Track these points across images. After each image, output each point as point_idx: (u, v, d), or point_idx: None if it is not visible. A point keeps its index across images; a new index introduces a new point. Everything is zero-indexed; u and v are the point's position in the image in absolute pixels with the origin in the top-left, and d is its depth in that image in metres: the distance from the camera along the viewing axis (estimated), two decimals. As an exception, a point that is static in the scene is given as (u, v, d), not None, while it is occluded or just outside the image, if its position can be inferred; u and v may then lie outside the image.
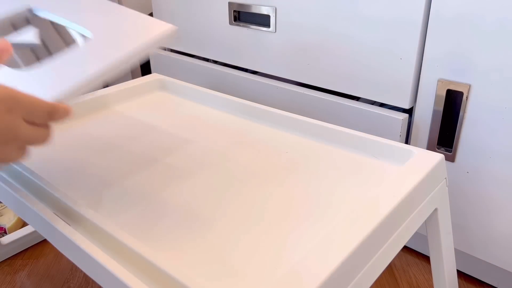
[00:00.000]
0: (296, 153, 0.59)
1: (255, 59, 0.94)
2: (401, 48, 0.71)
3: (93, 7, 0.55)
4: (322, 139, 0.62)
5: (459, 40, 0.65)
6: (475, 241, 0.75)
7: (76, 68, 0.45)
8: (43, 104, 0.37)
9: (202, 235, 0.44)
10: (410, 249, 0.92)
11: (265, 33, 0.90)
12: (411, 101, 0.74)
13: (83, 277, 0.84)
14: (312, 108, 0.86)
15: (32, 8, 0.55)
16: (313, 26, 0.81)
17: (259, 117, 0.68)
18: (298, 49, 0.85)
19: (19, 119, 0.36)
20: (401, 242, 0.46)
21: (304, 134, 0.64)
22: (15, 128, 0.35)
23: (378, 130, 0.77)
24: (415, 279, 0.83)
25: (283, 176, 0.54)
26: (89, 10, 0.55)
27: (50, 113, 0.38)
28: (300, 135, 0.64)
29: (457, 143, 0.71)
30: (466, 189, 0.72)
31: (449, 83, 0.68)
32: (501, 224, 0.71)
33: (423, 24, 0.68)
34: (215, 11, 0.96)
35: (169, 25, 0.52)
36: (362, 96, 0.80)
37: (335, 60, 0.81)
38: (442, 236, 0.56)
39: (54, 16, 0.54)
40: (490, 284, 0.81)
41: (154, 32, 0.50)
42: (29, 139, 0.37)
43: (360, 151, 0.59)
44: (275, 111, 0.66)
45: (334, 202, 0.49)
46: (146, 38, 0.49)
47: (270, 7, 0.86)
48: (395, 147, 0.56)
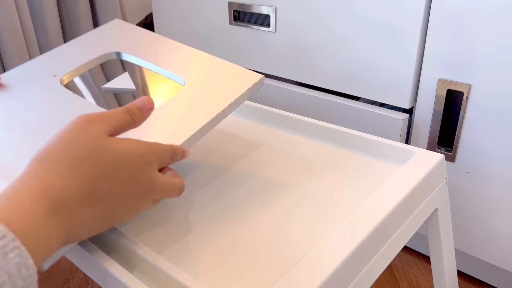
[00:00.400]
0: (296, 153, 0.59)
1: (255, 59, 0.94)
2: (401, 48, 0.71)
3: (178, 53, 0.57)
4: (322, 139, 0.62)
5: (459, 40, 0.65)
6: (475, 241, 0.75)
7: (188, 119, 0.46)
8: (168, 149, 0.37)
9: (202, 235, 0.44)
10: (410, 249, 0.92)
11: (265, 33, 0.89)
12: (411, 101, 0.74)
13: (83, 277, 0.84)
14: (312, 108, 0.86)
15: (120, 53, 0.57)
16: (313, 26, 0.81)
17: (259, 117, 0.68)
18: (298, 49, 0.85)
19: (155, 171, 0.36)
20: (402, 242, 0.46)
21: (304, 134, 0.64)
22: (153, 181, 0.35)
23: (378, 130, 0.77)
24: (415, 279, 0.83)
25: (283, 176, 0.54)
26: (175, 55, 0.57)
27: (172, 155, 0.38)
28: (300, 135, 0.64)
29: (457, 143, 0.71)
30: (466, 189, 0.72)
31: (449, 83, 0.68)
32: (501, 224, 0.71)
33: (423, 23, 0.68)
34: (215, 11, 0.96)
35: (258, 74, 0.53)
36: (362, 96, 0.80)
37: (335, 60, 0.81)
38: (442, 236, 0.56)
39: (143, 61, 0.55)
40: (490, 284, 0.81)
41: (248, 83, 0.52)
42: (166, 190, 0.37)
43: (360, 151, 0.59)
44: (275, 111, 0.66)
45: (334, 202, 0.49)
46: (242, 88, 0.51)
47: (270, 7, 0.86)
48: (395, 147, 0.56)
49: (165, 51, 0.58)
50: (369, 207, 0.43)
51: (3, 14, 1.03)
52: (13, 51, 1.07)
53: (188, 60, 0.56)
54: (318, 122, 0.63)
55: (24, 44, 1.09)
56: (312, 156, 0.58)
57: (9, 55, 1.07)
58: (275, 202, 0.49)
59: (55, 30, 1.18)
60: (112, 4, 1.26)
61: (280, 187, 0.52)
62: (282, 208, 0.48)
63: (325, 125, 0.62)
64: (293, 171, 0.55)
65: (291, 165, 0.56)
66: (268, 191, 0.51)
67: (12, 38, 1.05)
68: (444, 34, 0.67)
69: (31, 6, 1.13)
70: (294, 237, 0.43)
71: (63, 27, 1.23)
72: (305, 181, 0.53)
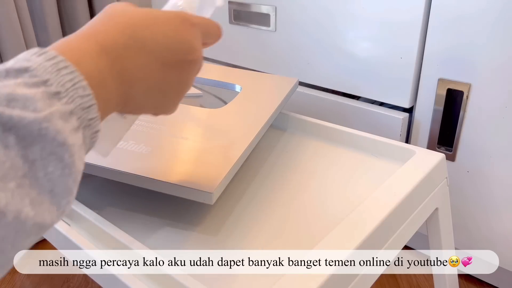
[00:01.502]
0: (296, 153, 0.59)
1: (255, 58, 0.94)
2: (402, 47, 0.71)
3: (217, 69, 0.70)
4: (322, 138, 0.62)
5: (459, 39, 0.65)
6: (475, 240, 0.75)
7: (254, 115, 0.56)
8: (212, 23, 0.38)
9: (202, 236, 0.43)
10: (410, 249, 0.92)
11: (265, 32, 0.89)
12: (411, 100, 0.74)
13: (82, 277, 0.84)
14: (312, 107, 0.86)
15: None
16: (313, 25, 0.81)
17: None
18: (298, 48, 0.85)
19: None
20: (402, 241, 0.46)
21: (304, 134, 0.64)
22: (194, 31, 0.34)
23: (378, 129, 0.77)
24: (415, 278, 0.83)
25: (283, 176, 0.54)
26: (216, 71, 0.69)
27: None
28: (300, 135, 0.64)
29: (457, 142, 0.71)
30: (467, 188, 0.72)
31: (449, 82, 0.68)
32: (502, 223, 0.71)
33: (424, 23, 0.68)
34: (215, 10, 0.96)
35: (293, 78, 0.66)
36: (362, 95, 0.80)
37: (335, 59, 0.80)
38: (442, 235, 0.56)
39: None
40: (490, 284, 0.81)
41: (288, 86, 0.64)
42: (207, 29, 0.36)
43: (360, 151, 0.59)
44: (275, 110, 0.66)
45: (334, 202, 0.49)
46: (286, 90, 0.62)
47: (270, 6, 0.86)
48: (395, 147, 0.56)
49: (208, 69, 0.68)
50: (369, 207, 0.43)
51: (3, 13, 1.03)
52: (13, 51, 1.06)
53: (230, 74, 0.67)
54: (318, 121, 0.63)
55: (24, 44, 1.09)
56: (312, 156, 0.58)
57: (9, 55, 1.06)
58: (274, 201, 0.49)
59: (55, 29, 1.18)
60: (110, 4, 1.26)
61: (280, 186, 0.51)
62: (281, 207, 0.48)
63: (325, 124, 0.62)
64: (292, 171, 0.55)
65: (291, 164, 0.56)
66: (267, 190, 0.51)
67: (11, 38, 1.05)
68: (444, 33, 0.66)
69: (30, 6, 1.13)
70: (294, 237, 0.43)
71: (63, 27, 1.23)
72: (305, 180, 0.53)
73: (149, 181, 0.43)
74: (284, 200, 0.49)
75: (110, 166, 0.44)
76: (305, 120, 0.63)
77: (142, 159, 0.46)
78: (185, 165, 0.46)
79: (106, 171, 0.44)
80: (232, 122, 0.54)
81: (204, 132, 0.52)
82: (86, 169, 0.43)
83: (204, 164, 0.46)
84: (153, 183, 0.43)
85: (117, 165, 0.44)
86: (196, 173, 0.44)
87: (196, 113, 0.57)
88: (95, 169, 0.44)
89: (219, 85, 0.65)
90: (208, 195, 0.41)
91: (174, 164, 0.46)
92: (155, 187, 0.43)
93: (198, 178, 0.43)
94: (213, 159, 0.46)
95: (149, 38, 0.31)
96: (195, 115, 0.57)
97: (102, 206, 0.47)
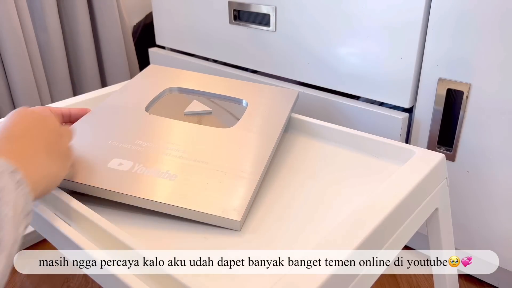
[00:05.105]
0: (296, 153, 0.59)
1: (255, 58, 0.94)
2: (401, 47, 0.71)
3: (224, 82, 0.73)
4: (322, 138, 0.62)
5: (459, 39, 0.65)
6: (475, 240, 0.75)
7: (267, 128, 0.59)
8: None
9: (203, 236, 0.44)
10: (410, 249, 0.92)
11: (265, 32, 0.89)
12: (411, 100, 0.74)
13: (83, 277, 0.84)
14: (312, 107, 0.86)
15: (171, 88, 0.70)
16: (313, 25, 0.81)
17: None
18: (298, 48, 0.85)
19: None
20: (402, 241, 0.46)
21: (304, 134, 0.64)
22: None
23: (378, 130, 0.77)
24: (415, 278, 0.83)
25: (282, 175, 0.54)
26: (222, 84, 0.72)
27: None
28: (300, 135, 0.64)
29: (457, 142, 0.71)
30: (466, 188, 0.72)
31: (449, 82, 0.68)
32: (501, 223, 0.71)
33: (424, 23, 0.68)
34: (215, 10, 0.96)
35: (294, 90, 0.70)
36: (362, 95, 0.80)
37: (335, 59, 0.80)
38: (442, 235, 0.56)
39: (201, 91, 0.70)
40: (490, 284, 0.81)
41: (291, 99, 0.67)
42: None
43: (360, 151, 0.59)
44: (275, 110, 0.66)
45: (334, 202, 0.49)
46: (290, 103, 0.66)
47: (270, 6, 0.86)
48: (395, 147, 0.56)
49: (212, 83, 0.71)
50: (369, 207, 0.43)
51: (3, 13, 1.03)
52: (13, 50, 1.06)
53: (236, 87, 0.70)
54: (318, 122, 0.63)
55: (24, 44, 1.09)
56: (312, 156, 0.58)
57: (9, 55, 1.06)
58: (274, 202, 0.49)
59: (55, 29, 1.18)
60: (109, 4, 1.26)
61: (279, 186, 0.52)
62: (281, 207, 0.48)
63: (325, 124, 0.62)
64: (292, 170, 0.55)
65: (291, 164, 0.56)
66: (267, 190, 0.51)
67: (11, 38, 1.05)
68: (444, 33, 0.66)
69: (30, 6, 1.13)
70: (294, 237, 0.43)
71: (63, 26, 1.23)
72: (305, 180, 0.53)
73: (180, 210, 0.45)
74: (284, 200, 0.49)
75: (140, 195, 0.46)
76: (305, 120, 0.63)
77: (170, 187, 0.47)
78: (210, 192, 0.47)
79: (137, 199, 0.46)
80: (245, 142, 0.56)
81: (220, 154, 0.53)
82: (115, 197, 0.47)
83: (227, 190, 0.47)
84: (184, 212, 0.45)
85: (146, 195, 0.46)
86: (221, 199, 0.46)
87: (210, 134, 0.57)
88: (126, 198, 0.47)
89: (226, 99, 0.68)
90: (236, 223, 0.44)
91: (199, 191, 0.47)
92: (186, 214, 0.45)
93: (224, 205, 0.45)
94: (235, 184, 0.48)
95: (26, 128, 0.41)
96: (210, 136, 0.57)
97: (102, 206, 0.47)
